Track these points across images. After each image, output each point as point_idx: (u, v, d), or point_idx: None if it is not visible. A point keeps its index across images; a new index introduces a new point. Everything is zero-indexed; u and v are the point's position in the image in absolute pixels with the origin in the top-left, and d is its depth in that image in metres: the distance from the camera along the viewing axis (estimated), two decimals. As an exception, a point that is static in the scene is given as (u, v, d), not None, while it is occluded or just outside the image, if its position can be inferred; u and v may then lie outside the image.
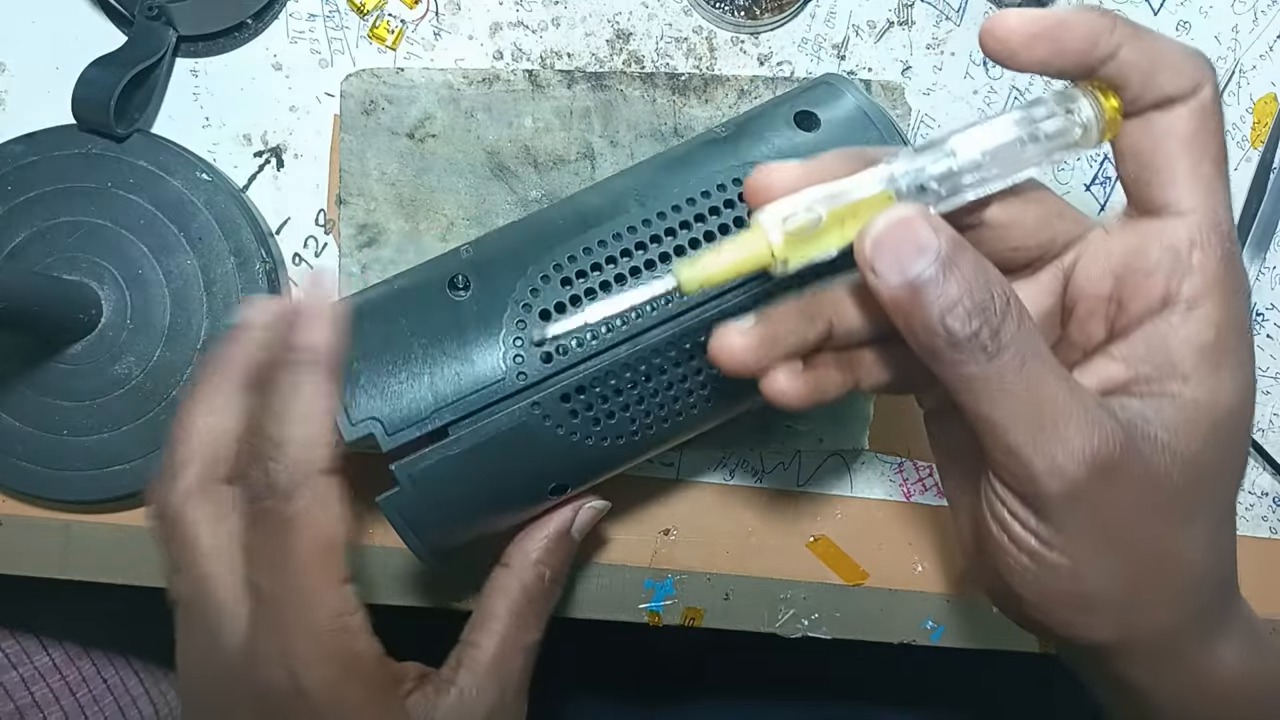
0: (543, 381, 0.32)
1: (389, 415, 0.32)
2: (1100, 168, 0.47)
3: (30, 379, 0.42)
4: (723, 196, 0.34)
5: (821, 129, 0.35)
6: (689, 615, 0.46)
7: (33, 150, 0.43)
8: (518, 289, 0.33)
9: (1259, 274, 0.47)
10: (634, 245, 0.33)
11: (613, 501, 0.38)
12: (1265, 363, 0.48)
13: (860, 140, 0.34)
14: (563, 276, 0.33)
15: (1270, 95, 0.48)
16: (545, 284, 0.33)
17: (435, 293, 0.33)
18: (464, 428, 0.32)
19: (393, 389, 0.32)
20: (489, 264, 0.34)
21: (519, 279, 0.33)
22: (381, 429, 0.32)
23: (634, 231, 0.33)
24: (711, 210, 0.33)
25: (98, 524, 0.44)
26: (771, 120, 0.36)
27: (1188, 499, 0.29)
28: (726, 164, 0.34)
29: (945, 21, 0.46)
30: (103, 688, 0.58)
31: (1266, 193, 0.47)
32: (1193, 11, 0.47)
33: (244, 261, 0.42)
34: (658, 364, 0.33)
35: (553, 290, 0.33)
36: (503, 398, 0.32)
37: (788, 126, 0.35)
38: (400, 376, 0.32)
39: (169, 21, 0.43)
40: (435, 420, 0.32)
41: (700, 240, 0.33)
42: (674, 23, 0.46)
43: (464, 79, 0.44)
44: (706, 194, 0.34)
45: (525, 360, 0.32)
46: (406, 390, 0.32)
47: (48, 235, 0.42)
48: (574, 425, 0.33)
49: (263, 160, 0.45)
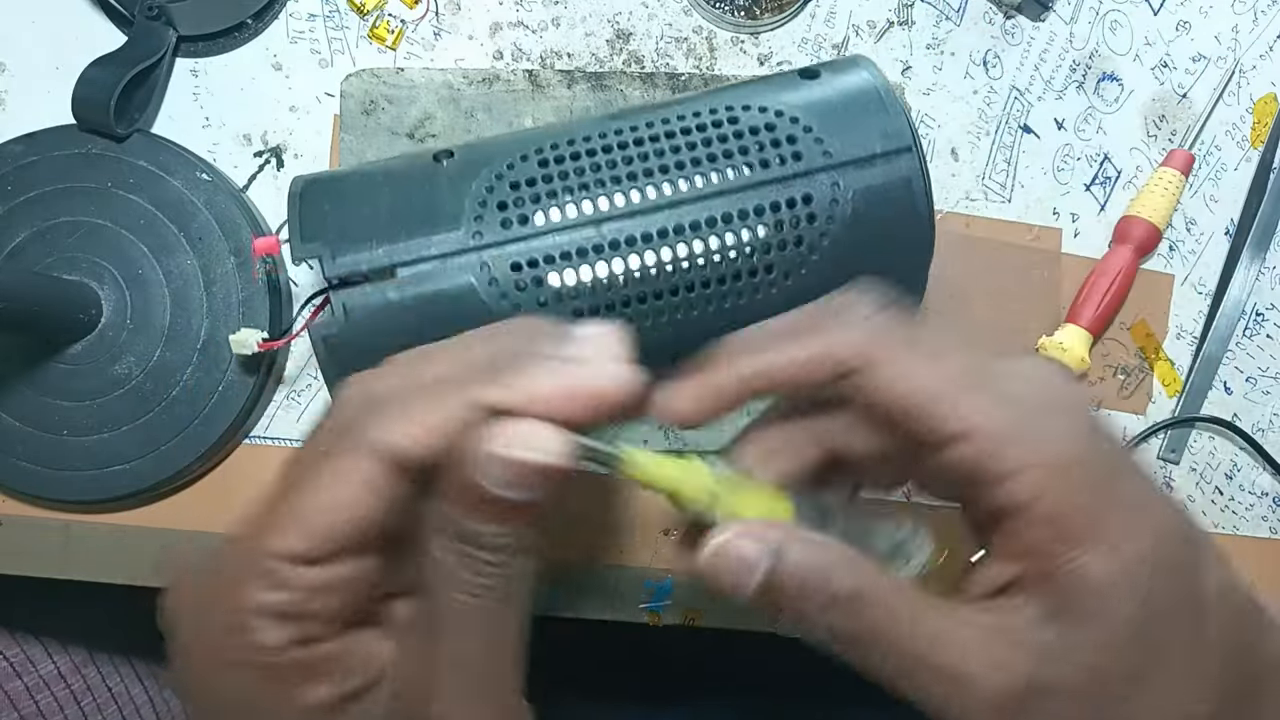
0: (497, 244, 0.32)
1: (339, 243, 0.32)
2: (1100, 168, 0.47)
3: (30, 379, 0.42)
4: (712, 118, 0.34)
5: (820, 78, 0.35)
6: (689, 615, 0.46)
7: (33, 150, 0.43)
8: (495, 161, 0.33)
9: (1259, 274, 0.47)
10: (617, 144, 0.33)
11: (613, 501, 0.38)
12: (1265, 363, 0.48)
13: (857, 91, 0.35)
14: (540, 158, 0.33)
15: (1270, 95, 0.48)
16: (523, 161, 0.33)
17: (418, 160, 0.34)
18: (411, 270, 0.32)
19: (349, 221, 0.32)
20: (477, 146, 0.35)
21: (499, 155, 0.34)
22: (329, 254, 0.31)
23: (619, 134, 0.34)
24: (699, 127, 0.34)
25: (98, 524, 0.44)
26: (783, 76, 0.36)
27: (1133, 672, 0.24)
28: (724, 99, 0.35)
29: (945, 21, 0.46)
30: (107, 695, 0.58)
31: (1266, 193, 0.47)
32: (1193, 11, 0.47)
33: (244, 261, 0.42)
34: (621, 254, 0.33)
35: (529, 167, 0.33)
36: (455, 252, 0.32)
37: (793, 76, 0.36)
38: (360, 212, 0.32)
39: (169, 21, 0.43)
40: (384, 258, 0.32)
41: (682, 148, 0.33)
42: (674, 23, 0.46)
43: (464, 79, 0.44)
44: (697, 114, 0.34)
45: (485, 221, 0.32)
46: (360, 223, 0.32)
47: (48, 235, 0.42)
48: (519, 297, 0.32)
49: (263, 160, 0.45)
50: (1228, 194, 0.48)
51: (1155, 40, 0.47)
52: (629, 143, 0.34)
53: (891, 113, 0.34)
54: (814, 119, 0.34)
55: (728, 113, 0.34)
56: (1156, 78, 0.47)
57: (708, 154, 0.33)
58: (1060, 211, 0.47)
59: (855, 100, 0.35)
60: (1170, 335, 0.48)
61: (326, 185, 0.34)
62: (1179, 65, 0.48)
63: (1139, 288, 0.47)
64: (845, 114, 0.34)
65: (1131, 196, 0.47)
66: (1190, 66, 0.48)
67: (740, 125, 0.34)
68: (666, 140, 0.34)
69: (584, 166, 0.33)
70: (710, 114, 0.34)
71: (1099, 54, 0.47)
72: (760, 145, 0.33)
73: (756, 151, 0.33)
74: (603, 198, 0.33)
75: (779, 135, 0.33)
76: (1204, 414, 0.47)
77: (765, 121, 0.34)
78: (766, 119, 0.34)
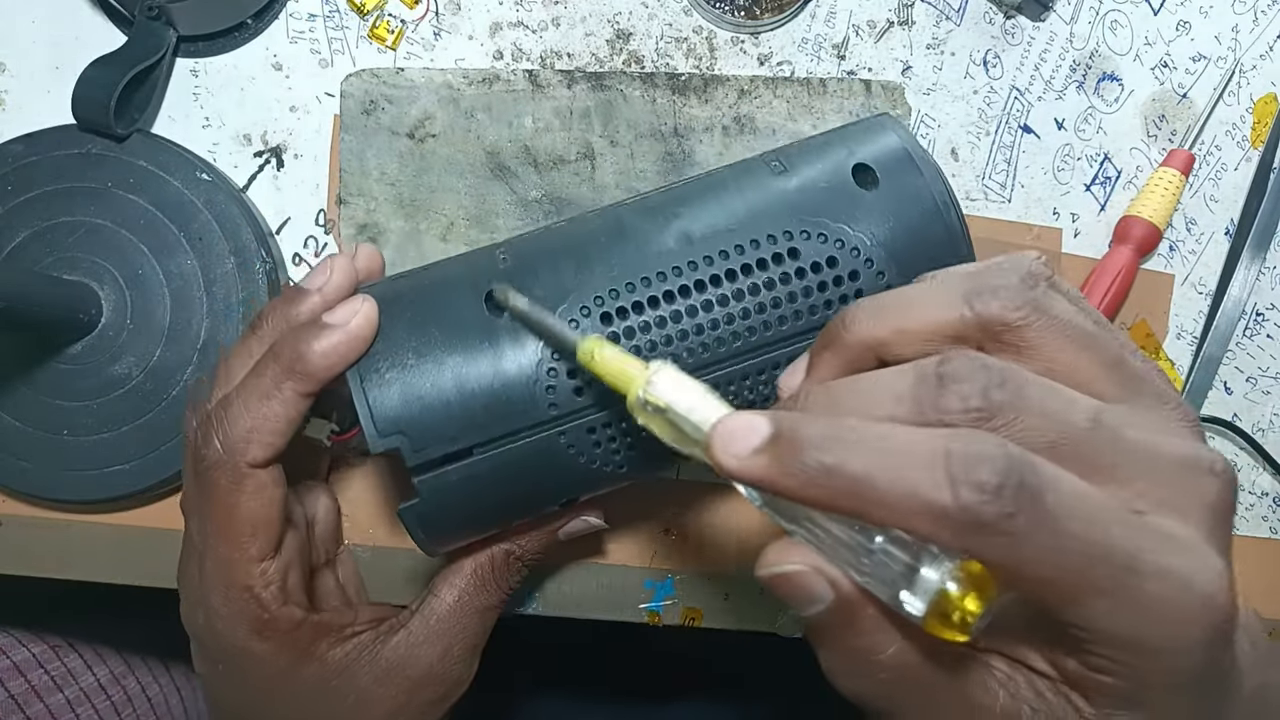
0: (573, 413, 0.32)
1: (416, 430, 0.31)
2: (1100, 168, 0.47)
3: (30, 379, 0.42)
4: (772, 249, 0.32)
5: (879, 188, 0.33)
6: (689, 615, 0.46)
7: (33, 150, 0.43)
8: (557, 317, 0.32)
9: (1259, 274, 0.47)
10: (679, 289, 0.32)
11: (613, 501, 0.38)
12: (1265, 363, 0.48)
13: (911, 196, 0.33)
14: (603, 311, 0.32)
15: (1270, 95, 0.48)
16: (584, 316, 0.32)
17: (471, 306, 0.33)
18: (489, 449, 0.32)
19: (422, 403, 0.31)
20: (529, 281, 0.33)
21: (559, 307, 0.32)
22: (408, 444, 0.31)
23: (679, 273, 0.32)
24: (760, 262, 0.32)
25: (98, 524, 0.44)
26: (828, 165, 0.34)
27: None
28: (778, 209, 0.33)
29: (945, 21, 0.46)
30: (147, 707, 0.58)
31: (1266, 193, 0.47)
32: (1193, 11, 0.47)
33: (244, 261, 0.42)
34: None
35: (592, 325, 0.32)
36: (531, 425, 0.32)
37: (845, 177, 0.34)
38: (431, 392, 0.31)
39: (169, 21, 0.43)
40: (463, 440, 0.32)
41: (744, 292, 0.32)
42: (674, 23, 0.46)
43: (464, 79, 0.44)
44: (756, 243, 0.32)
45: (557, 390, 0.32)
46: (436, 406, 0.31)
47: (48, 235, 0.42)
48: (595, 455, 0.33)
49: (263, 160, 0.45)
50: (1228, 194, 0.48)
51: (1155, 40, 0.47)
52: (690, 286, 0.32)
53: (946, 221, 0.33)
54: (878, 252, 0.32)
55: (787, 241, 0.32)
56: (1156, 78, 0.47)
57: (772, 298, 0.32)
58: (1060, 211, 0.47)
59: (918, 226, 0.33)
60: (1170, 335, 0.48)
61: (382, 357, 0.32)
62: (1179, 65, 0.47)
63: (1139, 288, 0.47)
64: (910, 243, 0.33)
65: (1131, 196, 0.47)
66: (1190, 66, 0.48)
67: (802, 262, 0.32)
68: (729, 283, 0.32)
69: (649, 320, 0.32)
70: (769, 242, 0.32)
71: (1099, 54, 0.47)
72: (823, 285, 0.32)
73: (819, 293, 0.32)
74: (670, 356, 0.32)
75: (842, 272, 0.32)
76: (1204, 414, 0.47)
77: (828, 257, 0.32)
78: (828, 253, 0.32)
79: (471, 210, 0.44)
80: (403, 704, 0.36)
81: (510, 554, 0.37)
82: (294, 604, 0.35)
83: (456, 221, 0.44)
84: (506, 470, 0.32)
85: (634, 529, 0.45)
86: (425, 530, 0.33)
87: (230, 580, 0.33)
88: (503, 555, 0.37)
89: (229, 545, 0.33)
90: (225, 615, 0.34)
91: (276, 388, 0.32)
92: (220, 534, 0.33)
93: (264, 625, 0.34)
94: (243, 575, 0.33)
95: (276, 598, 0.34)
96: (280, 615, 0.34)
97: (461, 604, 0.37)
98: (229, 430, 0.32)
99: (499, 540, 0.37)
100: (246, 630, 0.34)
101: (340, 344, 0.32)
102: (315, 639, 0.35)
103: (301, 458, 0.42)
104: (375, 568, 0.45)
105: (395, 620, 0.37)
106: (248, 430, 0.32)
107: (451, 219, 0.44)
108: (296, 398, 0.32)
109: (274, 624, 0.34)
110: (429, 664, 0.36)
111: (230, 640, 0.34)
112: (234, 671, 0.35)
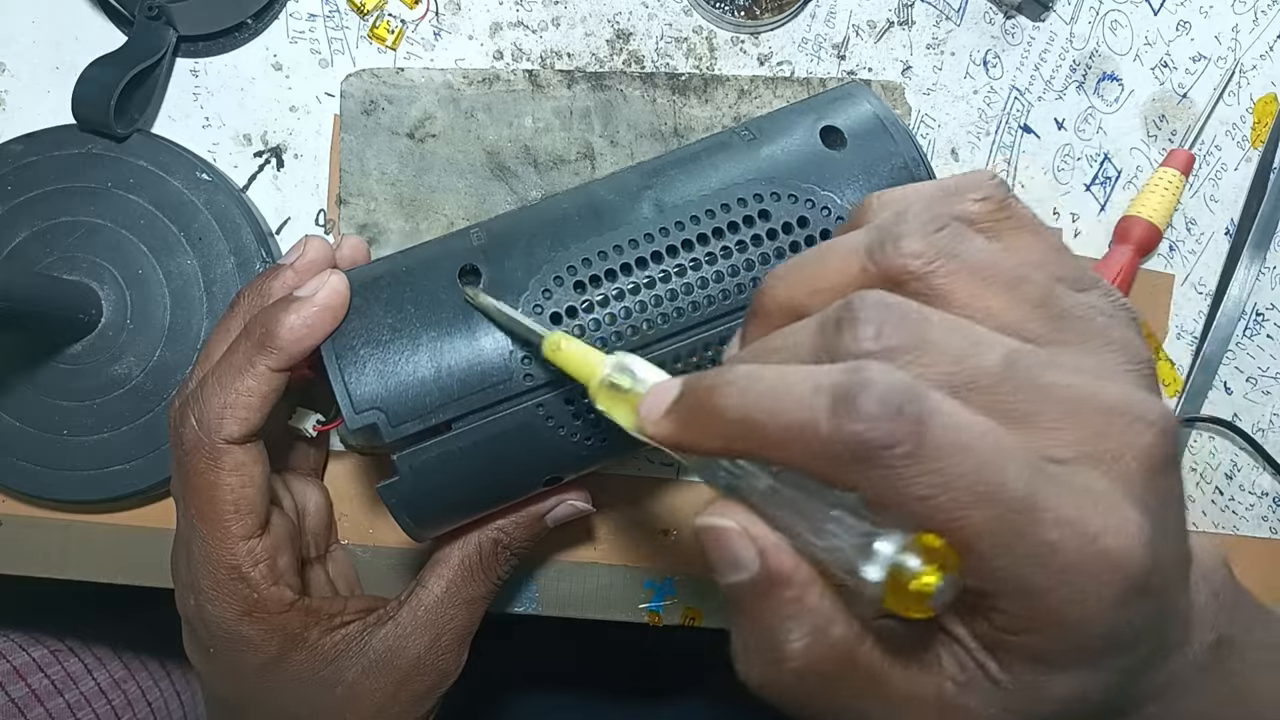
0: (549, 384, 0.32)
1: (393, 406, 0.32)
2: (1100, 168, 0.47)
3: (30, 379, 0.42)
4: (743, 212, 0.33)
5: (848, 148, 0.34)
6: (689, 615, 0.46)
7: (33, 150, 0.43)
8: (530, 288, 0.32)
9: (1259, 274, 0.47)
10: (650, 254, 0.32)
11: (613, 502, 0.38)
12: (1265, 363, 0.48)
13: (881, 156, 0.33)
14: (575, 280, 0.32)
15: (1270, 95, 0.48)
16: (558, 286, 0.32)
17: (445, 282, 0.33)
18: (468, 423, 0.32)
19: (398, 379, 0.32)
20: (501, 257, 0.33)
21: (532, 278, 0.32)
22: (385, 420, 0.32)
23: (651, 240, 0.32)
24: (731, 225, 0.32)
25: (98, 524, 0.44)
26: (797, 130, 0.34)
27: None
28: (749, 175, 0.33)
29: (945, 21, 0.46)
30: (146, 710, 0.58)
31: (1266, 193, 0.47)
32: (1193, 11, 0.47)
33: (244, 261, 0.42)
34: (677, 370, 0.33)
35: (565, 293, 0.32)
36: (508, 397, 0.32)
37: (814, 139, 0.34)
38: (406, 367, 0.32)
39: (169, 21, 0.43)
40: (440, 414, 0.32)
41: (716, 255, 0.32)
42: (674, 23, 0.46)
43: (464, 79, 0.44)
44: (726, 206, 0.33)
45: (533, 361, 0.32)
46: (412, 382, 0.32)
47: (48, 235, 0.42)
48: (575, 427, 0.33)
49: (263, 160, 0.45)
50: (1228, 194, 0.48)
51: (1155, 40, 0.47)
52: (662, 251, 0.32)
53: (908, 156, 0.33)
54: (848, 210, 0.33)
55: (757, 204, 0.33)
56: (1156, 78, 0.47)
57: (745, 260, 0.32)
58: (1060, 211, 0.47)
59: (889, 184, 0.33)
60: (1170, 335, 0.48)
61: (358, 335, 0.32)
62: (1179, 65, 0.47)
63: (1139, 288, 0.47)
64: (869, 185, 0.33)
65: (1131, 196, 0.47)
66: (1190, 66, 0.47)
67: (773, 223, 0.33)
68: (700, 246, 0.32)
69: (622, 288, 0.32)
70: (739, 205, 0.33)
71: (1099, 54, 0.47)
72: (795, 245, 0.32)
73: (791, 253, 0.32)
74: (645, 322, 0.32)
75: (814, 231, 0.33)
76: (1204, 414, 0.47)
77: (798, 217, 0.33)
78: (799, 213, 0.33)
79: (472, 210, 0.44)
80: (391, 695, 0.36)
81: (498, 544, 0.37)
82: (285, 585, 0.35)
83: (457, 221, 0.44)
84: (486, 445, 0.32)
85: (634, 529, 0.45)
86: (406, 509, 0.33)
87: (217, 560, 0.33)
88: (490, 545, 0.37)
89: (212, 524, 0.33)
90: (214, 597, 0.34)
91: (249, 363, 0.32)
92: (202, 514, 0.33)
93: (253, 606, 0.34)
94: (228, 555, 0.33)
95: (266, 577, 0.34)
96: (269, 596, 0.34)
97: (450, 595, 0.37)
98: (204, 408, 0.32)
99: (486, 528, 0.37)
100: (236, 612, 0.34)
101: (308, 316, 0.32)
102: (305, 625, 0.35)
103: (291, 451, 0.42)
104: (374, 567, 0.45)
105: (384, 611, 0.37)
106: (222, 407, 0.32)
107: (452, 219, 0.44)
108: (269, 373, 0.32)
109: (263, 605, 0.34)
110: (417, 655, 0.36)
111: (220, 624, 0.34)
112: (225, 657, 0.35)
